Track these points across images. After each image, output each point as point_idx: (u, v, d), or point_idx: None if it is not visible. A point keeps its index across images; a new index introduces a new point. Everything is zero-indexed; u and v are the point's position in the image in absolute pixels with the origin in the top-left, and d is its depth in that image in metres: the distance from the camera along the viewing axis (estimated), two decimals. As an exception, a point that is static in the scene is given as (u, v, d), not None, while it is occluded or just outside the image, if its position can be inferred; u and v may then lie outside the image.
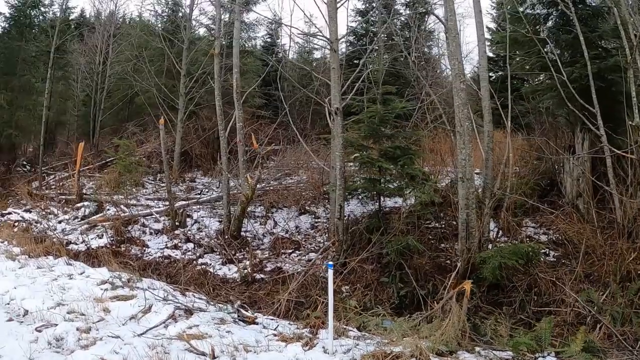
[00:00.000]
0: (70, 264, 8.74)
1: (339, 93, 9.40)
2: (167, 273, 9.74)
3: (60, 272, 7.78)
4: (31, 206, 13.40)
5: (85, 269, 8.19)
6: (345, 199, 9.74)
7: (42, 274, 7.70)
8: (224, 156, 10.74)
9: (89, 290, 6.77)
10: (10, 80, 15.25)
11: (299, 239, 10.87)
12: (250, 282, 9.19)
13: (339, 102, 9.36)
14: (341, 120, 9.38)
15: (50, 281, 7.27)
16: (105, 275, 7.53)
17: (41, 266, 8.15)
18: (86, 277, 7.52)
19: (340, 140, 9.41)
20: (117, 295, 6.61)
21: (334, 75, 9.45)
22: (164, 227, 11.30)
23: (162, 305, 6.27)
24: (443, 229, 10.68)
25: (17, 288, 6.79)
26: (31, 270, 7.81)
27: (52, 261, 9.00)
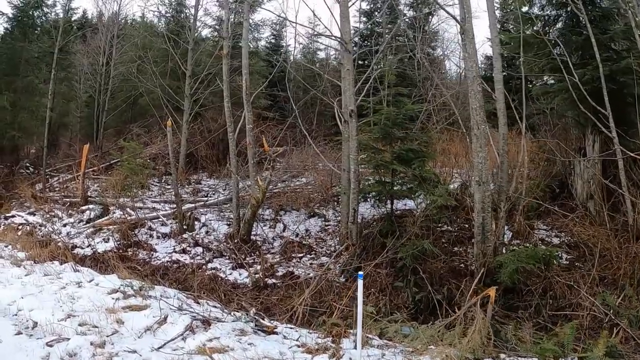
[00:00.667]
0: (78, 270, 8.31)
1: (354, 94, 9.02)
2: (176, 278, 9.33)
3: (68, 279, 7.34)
4: (35, 209, 12.93)
5: (94, 276, 7.76)
6: (357, 202, 9.37)
7: (50, 281, 7.27)
8: (233, 158, 10.33)
9: (100, 299, 6.35)
10: (13, 82, 14.77)
11: (310, 243, 10.48)
12: (262, 288, 8.81)
13: (353, 104, 8.99)
14: (356, 122, 9.02)
15: (58, 290, 6.84)
16: (116, 283, 7.10)
17: (48, 273, 7.72)
18: (96, 285, 7.09)
19: (355, 143, 9.05)
20: (130, 305, 6.20)
21: (348, 76, 9.08)
22: (172, 231, 10.87)
23: (177, 315, 5.86)
24: (455, 232, 10.38)
25: (25, 298, 6.36)
26: (38, 278, 7.37)
27: (59, 267, 8.57)
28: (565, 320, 6.74)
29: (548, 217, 10.78)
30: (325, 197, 11.96)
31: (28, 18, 15.61)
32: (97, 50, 17.44)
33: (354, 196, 9.22)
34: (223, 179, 13.99)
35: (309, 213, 11.64)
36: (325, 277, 8.45)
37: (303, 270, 9.29)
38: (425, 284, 7.80)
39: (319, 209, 11.74)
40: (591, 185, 10.38)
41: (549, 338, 6.27)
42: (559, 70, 9.80)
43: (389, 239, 8.98)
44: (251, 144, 10.03)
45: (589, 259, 8.37)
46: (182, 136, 13.98)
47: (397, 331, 6.46)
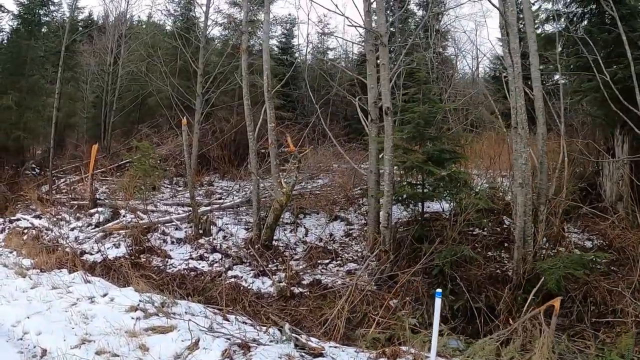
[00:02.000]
0: (89, 281, 7.24)
1: (389, 91, 8.08)
2: (194, 287, 8.30)
3: (79, 293, 6.29)
4: (41, 212, 11.83)
5: (108, 289, 6.72)
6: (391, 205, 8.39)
7: (59, 296, 6.21)
8: (254, 159, 9.31)
9: (118, 319, 5.31)
10: (18, 81, 13.65)
11: (335, 248, 9.48)
12: (288, 297, 7.82)
13: (389, 102, 8.04)
14: (392, 120, 8.05)
15: (69, 307, 5.80)
16: (133, 298, 6.06)
17: (56, 285, 6.66)
18: (111, 301, 6.05)
19: (390, 142, 8.08)
20: (153, 326, 5.16)
21: (384, 72, 8.10)
22: (187, 236, 9.82)
23: (210, 338, 4.84)
24: (488, 236, 9.44)
25: (31, 317, 5.33)
26: (45, 292, 6.32)
27: (68, 277, 7.52)
28: (608, 328, 6.31)
29: (577, 219, 9.98)
30: (346, 199, 10.95)
31: (34, 16, 14.48)
32: (105, 49, 16.31)
33: (388, 199, 8.25)
34: (236, 181, 12.94)
35: (330, 216, 10.63)
36: (357, 286, 7.47)
37: (330, 278, 8.32)
38: (462, 292, 7.11)
39: (340, 212, 10.73)
40: (620, 187, 9.73)
41: (609, 350, 5.70)
42: (588, 68, 9.26)
43: (424, 244, 8.11)
44: (273, 143, 9.02)
45: (624, 263, 7.79)
46: (193, 136, 12.91)
47: (445, 345, 5.76)
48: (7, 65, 13.81)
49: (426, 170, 8.63)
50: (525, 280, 6.83)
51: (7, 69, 13.80)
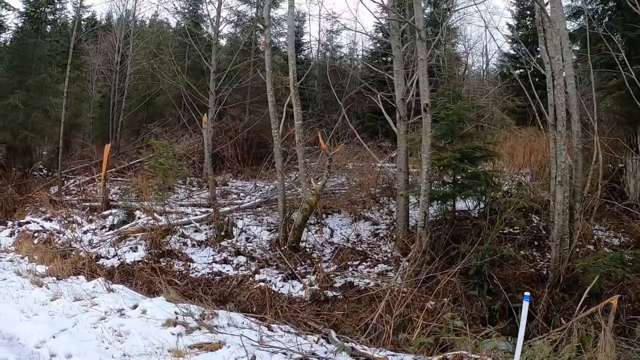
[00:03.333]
0: (113, 289, 6.44)
1: (428, 87, 7.40)
2: (220, 293, 7.56)
3: (106, 305, 5.48)
4: (52, 214, 10.92)
5: (137, 299, 5.92)
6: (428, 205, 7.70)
7: (83, 309, 5.40)
8: (279, 157, 8.54)
9: (156, 335, 4.53)
10: (25, 80, 12.67)
11: (364, 249, 8.75)
12: (322, 301, 7.09)
13: (428, 98, 7.34)
14: (430, 117, 7.35)
15: (97, 322, 5.00)
16: (168, 309, 5.28)
17: (79, 296, 5.84)
18: (143, 314, 5.26)
19: (429, 140, 7.39)
20: (199, 343, 4.39)
21: (422, 68, 7.40)
22: (208, 238, 9.01)
23: (267, 355, 4.13)
24: (519, 235, 8.82)
25: (57, 336, 4.53)
26: (68, 305, 5.49)
27: (88, 286, 6.70)
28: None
29: (602, 217, 9.45)
30: (371, 198, 10.22)
31: (40, 13, 13.50)
32: (112, 47, 15.36)
33: (425, 198, 7.57)
34: (252, 180, 12.15)
35: (353, 216, 9.89)
36: (395, 288, 6.77)
37: (363, 280, 7.62)
38: (499, 292, 6.71)
39: (363, 212, 10.00)
40: (645, 185, 9.30)
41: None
42: (611, 65, 8.94)
43: (461, 244, 7.50)
44: (301, 141, 8.25)
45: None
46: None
47: (496, 347, 5.29)
48: (13, 63, 12.84)
49: (461, 168, 8.05)
50: (561, 278, 6.54)
51: (13, 67, 12.82)
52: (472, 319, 6.38)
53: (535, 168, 10.11)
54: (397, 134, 8.82)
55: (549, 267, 7.24)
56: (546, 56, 7.68)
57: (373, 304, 6.75)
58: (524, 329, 4.11)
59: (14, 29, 13.57)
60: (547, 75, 7.74)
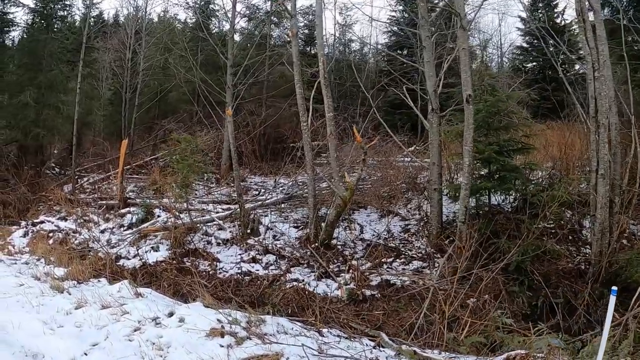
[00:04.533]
0: (141, 294, 5.69)
1: (471, 78, 6.70)
2: (250, 294, 6.84)
3: (138, 313, 4.73)
4: (66, 213, 10.13)
5: (170, 304, 5.18)
6: (468, 199, 7.00)
7: (113, 318, 4.65)
8: (309, 151, 7.79)
9: (202, 348, 3.81)
10: (36, 77, 11.85)
11: (397, 245, 8.04)
12: (359, 301, 6.45)
13: (471, 89, 6.66)
14: (473, 109, 6.69)
15: (131, 333, 4.25)
16: (209, 316, 4.54)
17: (106, 303, 5.08)
18: (181, 322, 4.51)
19: (471, 133, 6.70)
20: (254, 355, 3.71)
21: (464, 57, 6.70)
22: (234, 236, 8.26)
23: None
24: (553, 229, 8.16)
25: (89, 353, 3.81)
26: (96, 314, 4.73)
27: (111, 289, 5.94)
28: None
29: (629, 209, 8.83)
30: (400, 193, 9.50)
31: (50, 9, 12.65)
32: (123, 44, 14.52)
33: (466, 192, 6.91)
34: (271, 176, 11.41)
35: (381, 211, 9.18)
36: (438, 285, 6.16)
37: (400, 278, 6.95)
38: (539, 287, 6.31)
39: (390, 206, 9.28)
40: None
41: None
42: None
43: (501, 239, 6.86)
44: (332, 134, 7.52)
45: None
46: (224, 131, 11.30)
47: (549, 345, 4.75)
48: (24, 60, 12.02)
49: (500, 162, 7.42)
50: (602, 273, 6.20)
51: (24, 64, 12.00)
52: (514, 316, 5.87)
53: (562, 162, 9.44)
54: (430, 126, 8.12)
55: (586, 261, 6.86)
56: (586, 47, 7.05)
57: (413, 303, 6.20)
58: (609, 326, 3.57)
59: (24, 26, 12.71)
60: (588, 67, 7.15)
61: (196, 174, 8.03)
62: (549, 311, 6.05)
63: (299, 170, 10.22)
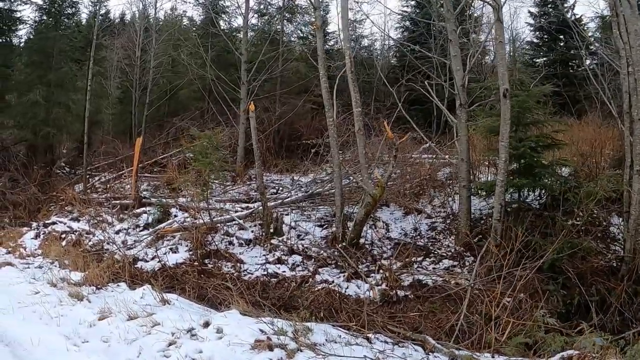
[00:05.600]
0: (167, 300, 5.09)
1: (507, 71, 6.19)
2: (278, 296, 6.26)
3: (170, 324, 4.14)
4: (79, 213, 9.51)
5: (201, 312, 4.61)
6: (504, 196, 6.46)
7: (143, 330, 4.06)
8: (335, 147, 7.22)
9: (249, 367, 3.20)
10: (46, 74, 11.19)
11: (425, 244, 7.48)
12: (393, 302, 5.94)
13: (507, 83, 6.13)
14: (509, 104, 6.16)
15: (166, 347, 3.68)
16: (250, 325, 3.97)
17: (132, 313, 4.48)
18: (219, 333, 3.93)
19: (507, 128, 6.22)
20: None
21: (501, 50, 6.18)
22: (256, 236, 7.67)
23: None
24: (582, 226, 7.66)
25: (123, 375, 3.17)
26: (122, 326, 4.14)
27: (133, 295, 5.36)
28: None
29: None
30: (420, 190, 8.94)
31: (59, 6, 11.98)
32: (133, 41, 13.85)
33: (501, 189, 6.39)
34: (285, 174, 10.82)
35: (404, 209, 8.62)
36: (474, 285, 5.74)
37: (431, 278, 6.45)
38: (572, 286, 5.99)
39: (415, 204, 8.72)
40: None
41: None
42: None
43: (535, 236, 6.41)
44: (361, 130, 6.94)
45: None
46: (239, 127, 10.70)
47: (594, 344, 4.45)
48: (33, 58, 11.36)
49: (534, 158, 6.93)
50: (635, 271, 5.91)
51: (33, 62, 11.35)
52: (550, 315, 5.40)
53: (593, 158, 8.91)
54: (458, 122, 7.56)
55: (617, 258, 6.53)
56: (620, 42, 6.58)
57: (447, 303, 5.79)
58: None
59: (32, 23, 12.04)
60: (622, 62, 6.69)
61: (217, 172, 7.40)
62: (583, 310, 5.76)
63: (318, 167, 9.64)
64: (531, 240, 6.37)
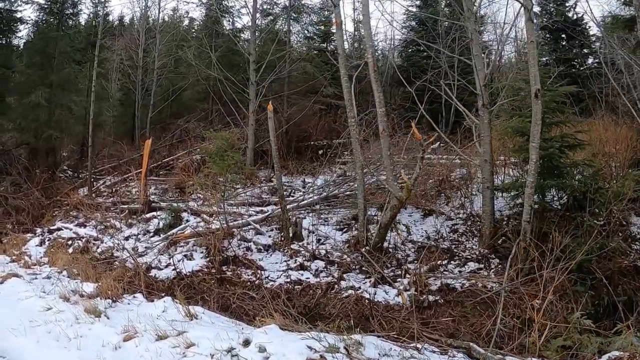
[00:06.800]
0: (194, 315, 4.55)
1: (538, 71, 5.80)
2: (304, 304, 5.72)
3: (207, 344, 3.61)
4: (85, 219, 8.87)
5: (234, 327, 4.10)
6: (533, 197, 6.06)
7: (177, 352, 3.53)
8: (357, 149, 6.74)
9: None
10: (47, 75, 10.50)
11: (448, 246, 7.05)
12: (423, 308, 5.56)
13: (539, 83, 5.75)
14: (542, 104, 5.81)
15: (207, 376, 3.12)
16: (295, 342, 3.48)
17: (162, 332, 3.94)
18: (261, 352, 3.43)
19: (538, 129, 5.85)
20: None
21: (533, 50, 5.79)
22: (275, 241, 7.15)
23: None
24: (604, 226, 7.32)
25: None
26: (153, 348, 3.61)
27: (156, 310, 4.82)
28: None
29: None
30: (437, 192, 8.50)
31: (60, 6, 11.27)
32: (135, 42, 13.17)
33: (531, 190, 5.98)
34: (296, 176, 10.31)
35: (422, 211, 8.18)
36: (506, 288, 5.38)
37: (457, 281, 6.06)
38: (600, 286, 5.66)
39: (434, 206, 8.27)
40: None
41: None
42: None
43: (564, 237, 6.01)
44: (385, 131, 6.47)
45: None
46: (248, 129, 10.15)
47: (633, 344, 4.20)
48: (34, 59, 10.65)
49: (561, 158, 6.57)
50: None
51: (34, 63, 10.64)
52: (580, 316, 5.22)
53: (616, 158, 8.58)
54: (481, 122, 7.16)
55: None
56: None
57: (478, 307, 5.44)
58: None
59: (34, 23, 11.29)
60: None
61: (236, 174, 6.86)
62: (611, 310, 5.48)
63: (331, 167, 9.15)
64: (560, 241, 6.04)
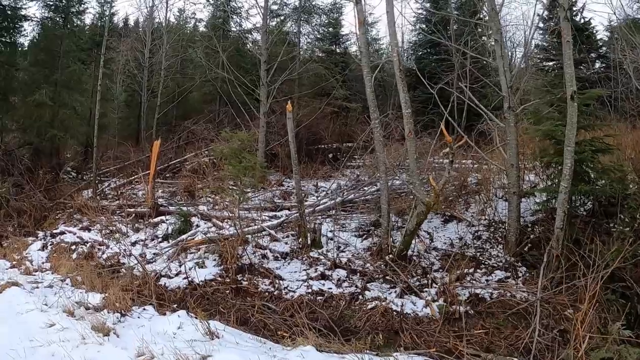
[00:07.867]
0: (215, 333, 3.97)
1: (574, 72, 5.31)
2: (328, 318, 5.15)
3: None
4: (89, 223, 8.23)
5: (261, 347, 3.49)
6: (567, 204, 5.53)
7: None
8: (381, 151, 6.17)
9: None
10: (51, 75, 9.87)
11: (474, 254, 6.50)
12: (454, 319, 5.05)
13: (575, 84, 5.26)
14: (577, 106, 5.32)
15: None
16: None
17: (184, 357, 3.33)
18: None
19: (574, 132, 5.42)
20: None
21: (568, 50, 5.31)
22: (292, 249, 6.56)
23: None
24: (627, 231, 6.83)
25: None
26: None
27: (171, 327, 4.26)
28: None
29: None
30: (457, 197, 7.97)
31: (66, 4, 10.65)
32: (141, 42, 12.57)
33: (565, 197, 5.48)
34: (306, 179, 9.73)
35: (442, 217, 7.64)
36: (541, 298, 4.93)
37: (486, 290, 5.57)
38: (631, 295, 5.24)
39: (455, 212, 7.74)
40: None
41: None
42: None
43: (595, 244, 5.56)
44: (412, 133, 5.91)
45: None
46: (259, 131, 9.58)
47: None
48: (39, 57, 10.02)
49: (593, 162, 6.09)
50: None
51: (38, 61, 10.01)
52: None
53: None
54: (507, 125, 6.64)
55: None
56: None
57: (510, 318, 5.02)
58: None
59: (39, 21, 10.65)
60: None
61: (252, 177, 6.28)
62: None
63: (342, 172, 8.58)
64: (594, 249, 5.55)
